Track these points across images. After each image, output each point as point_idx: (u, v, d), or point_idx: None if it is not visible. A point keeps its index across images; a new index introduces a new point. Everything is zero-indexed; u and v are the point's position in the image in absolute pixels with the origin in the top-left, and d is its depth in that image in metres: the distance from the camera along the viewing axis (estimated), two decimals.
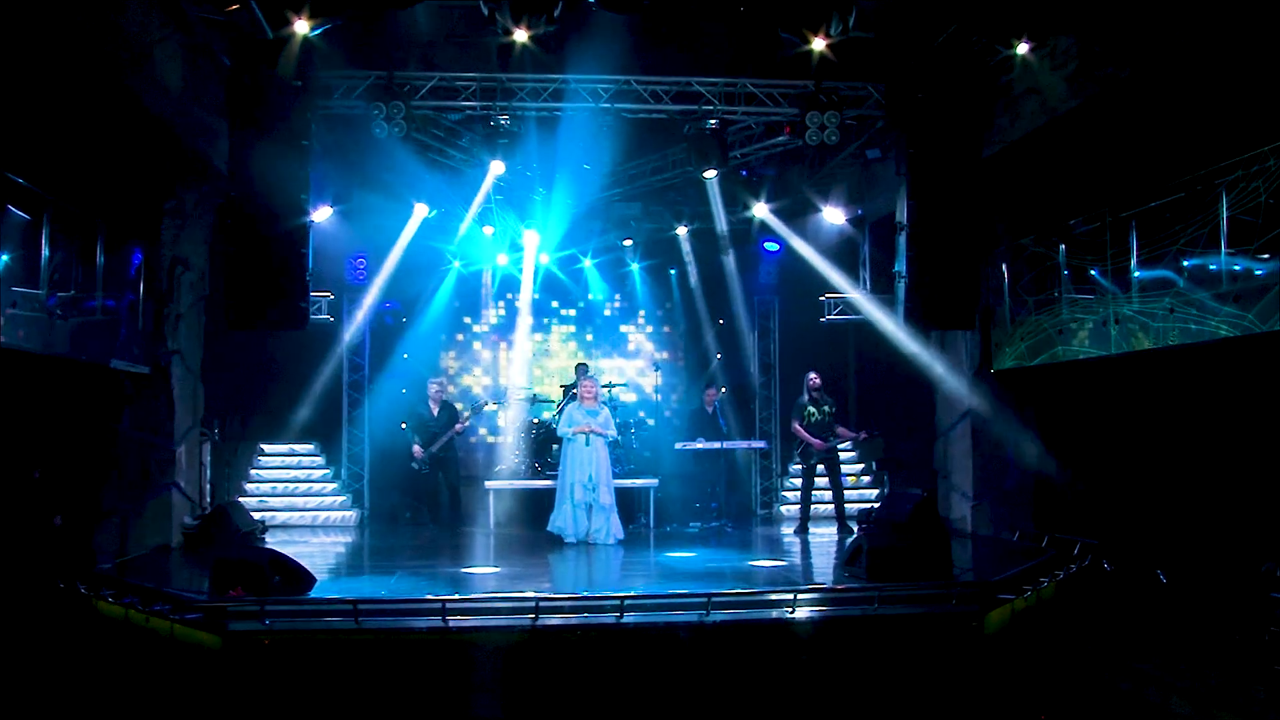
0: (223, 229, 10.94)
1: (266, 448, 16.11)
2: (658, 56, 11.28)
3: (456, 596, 8.37)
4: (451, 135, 12.03)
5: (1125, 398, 11.00)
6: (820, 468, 13.55)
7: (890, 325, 13.13)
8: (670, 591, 8.78)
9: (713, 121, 11.26)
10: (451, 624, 8.08)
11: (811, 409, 13.33)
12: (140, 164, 10.92)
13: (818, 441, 13.21)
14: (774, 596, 8.59)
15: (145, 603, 8.81)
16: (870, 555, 9.36)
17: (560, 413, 13.34)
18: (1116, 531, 10.59)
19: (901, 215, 11.07)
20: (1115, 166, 10.24)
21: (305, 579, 8.93)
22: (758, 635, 8.26)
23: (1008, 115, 11.00)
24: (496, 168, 12.04)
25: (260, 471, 15.86)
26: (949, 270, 10.67)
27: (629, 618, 8.20)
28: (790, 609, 8.39)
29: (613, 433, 12.69)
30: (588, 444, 12.25)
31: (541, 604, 8.18)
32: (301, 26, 9.73)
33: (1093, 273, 10.81)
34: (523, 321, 16.64)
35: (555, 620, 8.19)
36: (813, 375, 13.47)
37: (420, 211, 14.14)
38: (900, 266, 10.95)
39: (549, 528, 12.43)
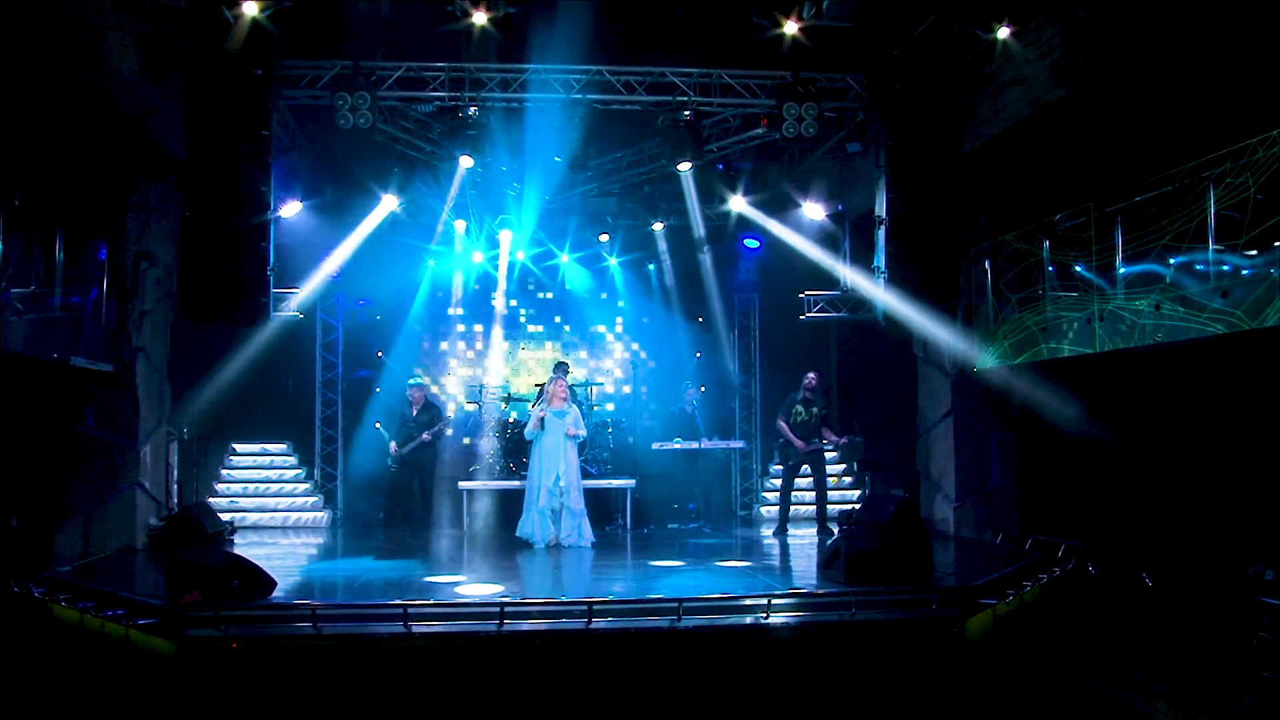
0: (182, 220, 10.63)
1: (239, 447, 15.80)
2: (629, 47, 11.00)
3: (419, 601, 8.08)
4: (422, 128, 11.73)
5: (1111, 397, 10.78)
6: (805, 468, 13.30)
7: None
8: (640, 596, 8.49)
9: (687, 113, 10.99)
10: (415, 629, 7.81)
11: (800, 409, 13.09)
12: (99, 155, 10.63)
13: (799, 442, 12.97)
14: (748, 601, 8.32)
15: (100, 607, 8.53)
16: (848, 558, 9.11)
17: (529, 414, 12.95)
18: (1102, 534, 10.37)
19: (881, 209, 10.83)
20: (1100, 160, 10.02)
21: (265, 583, 8.63)
22: (731, 641, 8.02)
23: (990, 107, 10.78)
24: (465, 162, 11.74)
25: (231, 471, 15.54)
26: (929, 266, 10.42)
27: (598, 623, 7.95)
28: (765, 614, 8.13)
29: (582, 433, 12.32)
30: (556, 444, 11.86)
31: (507, 609, 7.91)
32: (250, 8, 9.45)
33: (1077, 269, 10.59)
34: (498, 320, 16.37)
35: (522, 625, 7.92)
36: (811, 375, 13.23)
37: (389, 203, 13.77)
38: (879, 262, 10.71)
39: (518, 532, 12.10)
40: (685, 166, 12.14)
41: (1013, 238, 11.84)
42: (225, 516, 13.81)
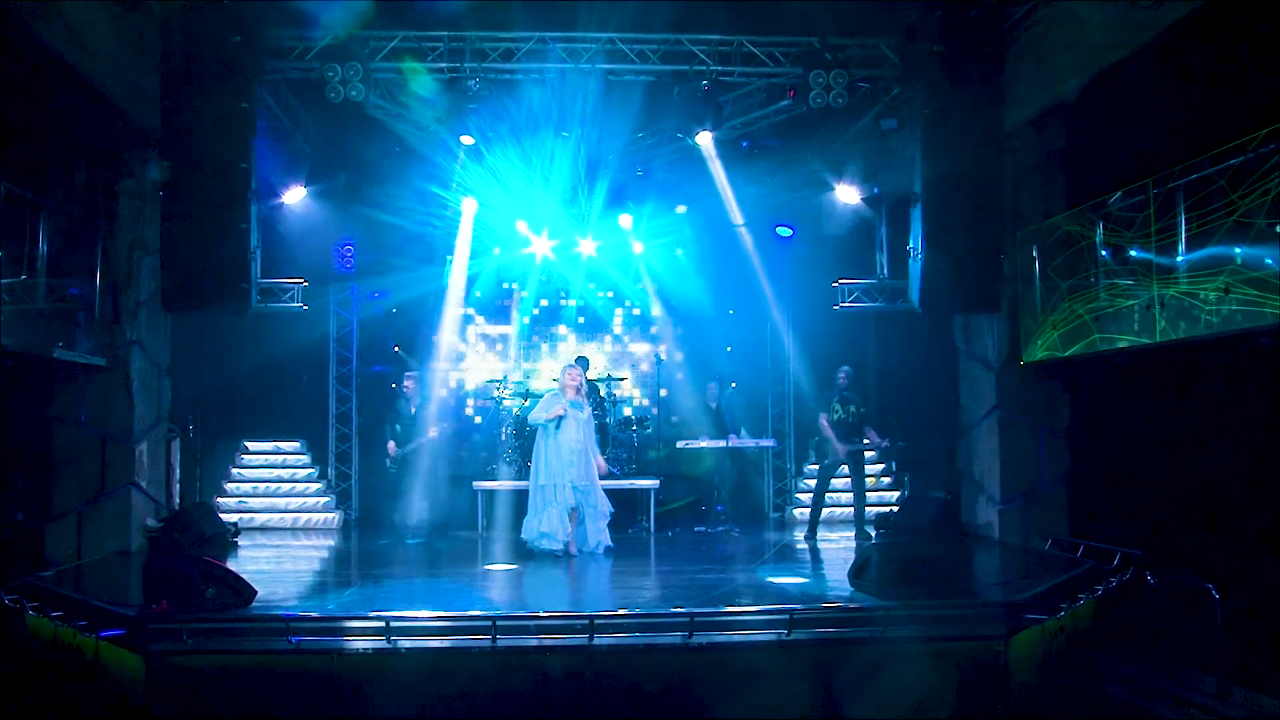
0: (161, 201, 9.97)
1: (250, 445, 15.25)
2: (643, 11, 10.18)
3: (403, 614, 7.37)
4: (425, 104, 11.02)
5: (1172, 390, 9.88)
6: (843, 468, 12.52)
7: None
8: (648, 610, 7.72)
9: (705, 84, 10.17)
10: (400, 645, 7.12)
11: (838, 406, 12.31)
12: (80, 135, 10.03)
13: (841, 446, 12.18)
14: (767, 616, 7.52)
15: (69, 616, 7.93)
16: (880, 567, 8.28)
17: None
18: (1162, 541, 9.46)
19: (917, 185, 9.95)
20: (1160, 131, 9.12)
21: (243, 592, 7.96)
22: (748, 661, 7.23)
23: (1036, 75, 9.86)
24: (466, 141, 11.01)
25: (242, 470, 14.98)
26: (970, 246, 9.54)
27: (601, 639, 7.21)
28: (787, 630, 7.33)
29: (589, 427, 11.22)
30: (571, 439, 10.86)
31: (499, 623, 7.18)
32: None
33: (1133, 252, 9.68)
34: (516, 313, 15.71)
35: (516, 641, 7.19)
36: (843, 370, 12.48)
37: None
38: (915, 242, 9.84)
39: (522, 534, 11.18)
40: (704, 138, 11.25)
41: (1062, 220, 10.94)
42: (233, 518, 13.35)
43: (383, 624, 7.12)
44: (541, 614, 7.48)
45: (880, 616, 7.47)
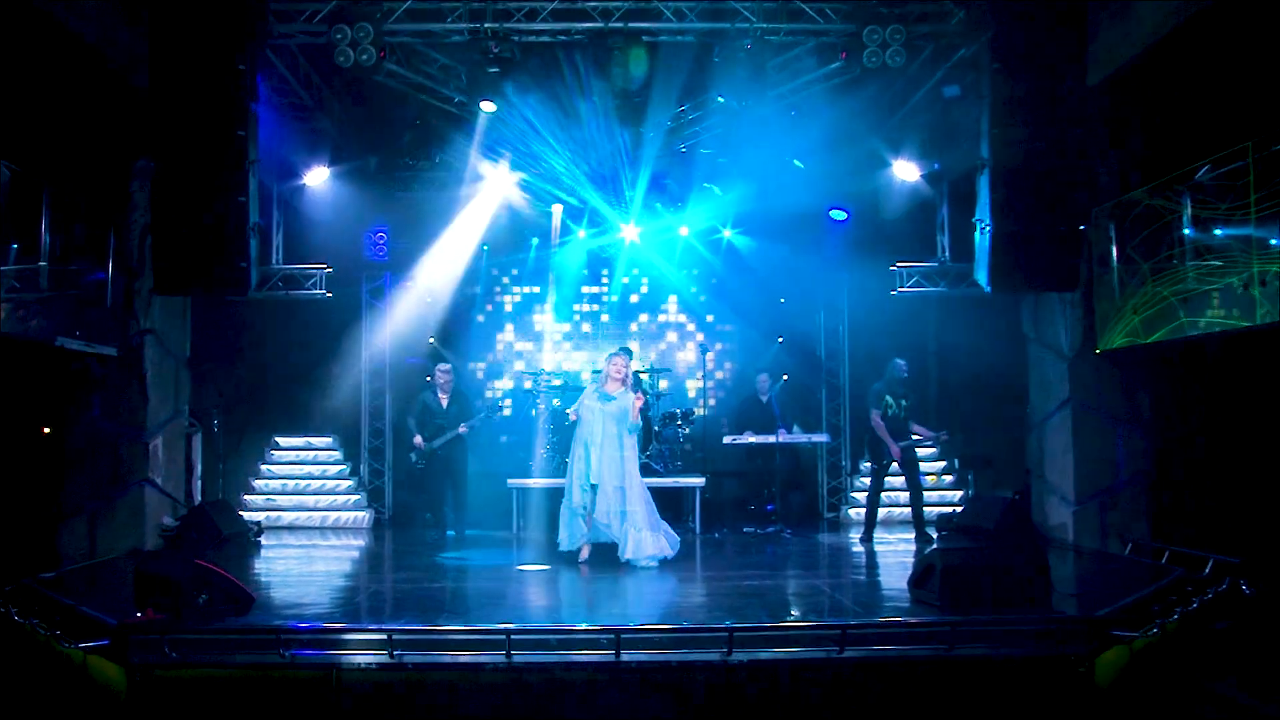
0: (152, 171, 9.30)
1: (281, 440, 14.65)
2: None
3: (407, 626, 6.63)
4: (447, 73, 10.28)
5: (1271, 379, 8.85)
6: (894, 467, 11.68)
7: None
8: (682, 624, 6.92)
9: (748, 43, 9.29)
10: (405, 660, 6.38)
11: (890, 401, 11.44)
12: (87, 111, 9.42)
13: (896, 447, 11.33)
14: (816, 631, 6.68)
15: (60, 622, 7.30)
16: (945, 575, 7.39)
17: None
18: (1258, 547, 8.47)
19: (984, 149, 9.01)
20: (1261, 86, 8.09)
21: (240, 598, 7.27)
22: (794, 681, 6.39)
23: (1119, 24, 8.86)
24: (486, 107, 10.24)
25: (272, 467, 14.37)
26: (1046, 217, 8.57)
27: (629, 655, 6.41)
28: (838, 647, 6.48)
29: (634, 419, 10.03)
30: (594, 433, 9.90)
31: (514, 637, 6.41)
32: None
33: (1226, 227, 8.69)
34: (553, 300, 15.05)
35: (534, 657, 6.42)
36: (901, 363, 11.65)
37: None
38: (983, 213, 8.89)
39: (558, 539, 10.24)
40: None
41: (1143, 194, 9.96)
42: (259, 516, 12.80)
43: (384, 636, 6.39)
44: (562, 627, 6.72)
45: (945, 632, 6.58)
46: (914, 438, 11.63)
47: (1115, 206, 10.43)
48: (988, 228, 8.80)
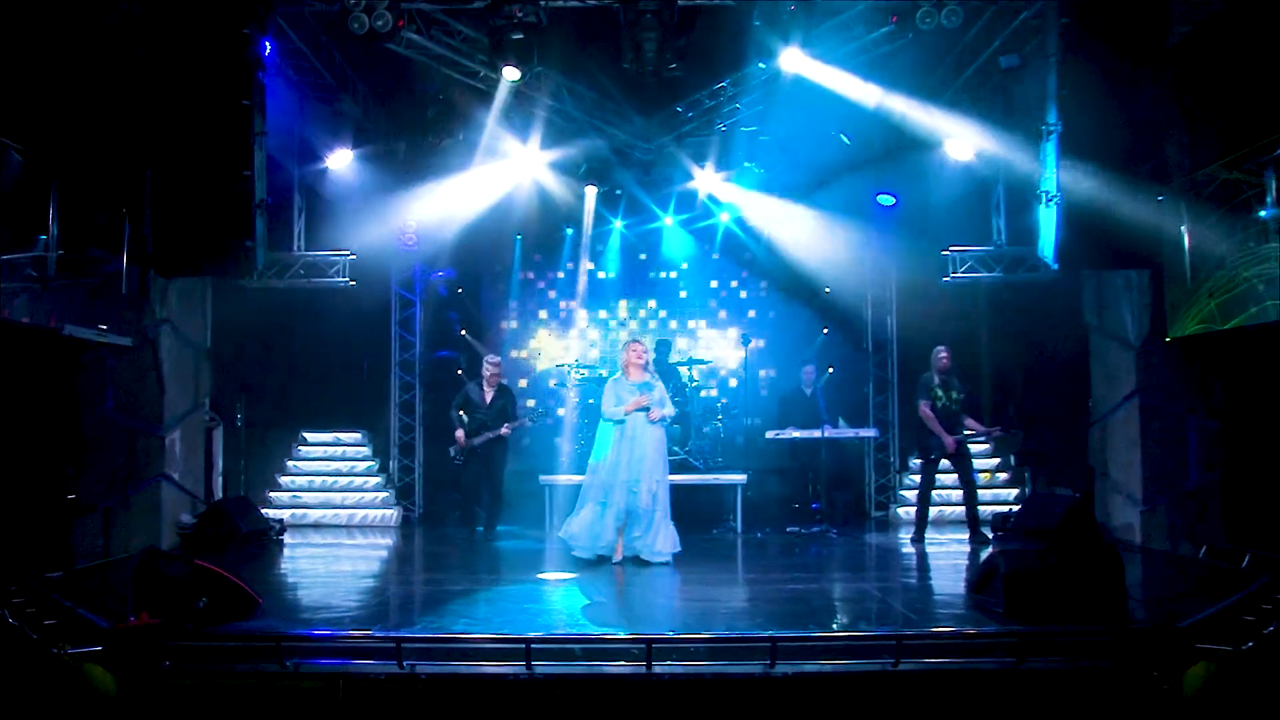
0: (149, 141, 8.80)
1: (309, 436, 14.19)
2: None
3: (417, 635, 6.09)
4: (472, 46, 9.70)
5: None
6: (944, 463, 11.00)
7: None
8: (720, 634, 6.32)
9: (792, 6, 8.64)
10: (418, 670, 5.83)
11: (939, 392, 10.75)
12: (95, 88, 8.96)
13: (950, 439, 10.63)
14: (869, 642, 6.06)
15: (47, 626, 6.87)
16: (1009, 580, 6.75)
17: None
18: None
19: (1051, 114, 8.33)
20: None
21: (244, 602, 6.77)
22: (845, 696, 5.77)
23: None
24: (509, 74, 9.65)
25: (298, 463, 13.90)
26: (1119, 188, 7.88)
27: (662, 667, 5.82)
28: (893, 660, 5.85)
29: (669, 411, 9.66)
30: (636, 430, 9.32)
31: (535, 646, 5.84)
32: None
33: None
34: (583, 289, 14.68)
35: (557, 668, 5.85)
36: (942, 351, 10.93)
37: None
38: (1049, 184, 8.20)
39: (560, 533, 9.76)
40: (792, 56, 9.51)
41: (1219, 169, 9.23)
42: (285, 514, 12.38)
43: (393, 645, 5.84)
44: (588, 635, 6.15)
45: (1014, 644, 5.93)
46: (965, 433, 10.96)
47: (1188, 182, 9.71)
48: (1054, 199, 8.11)
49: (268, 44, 8.70)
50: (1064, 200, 8.14)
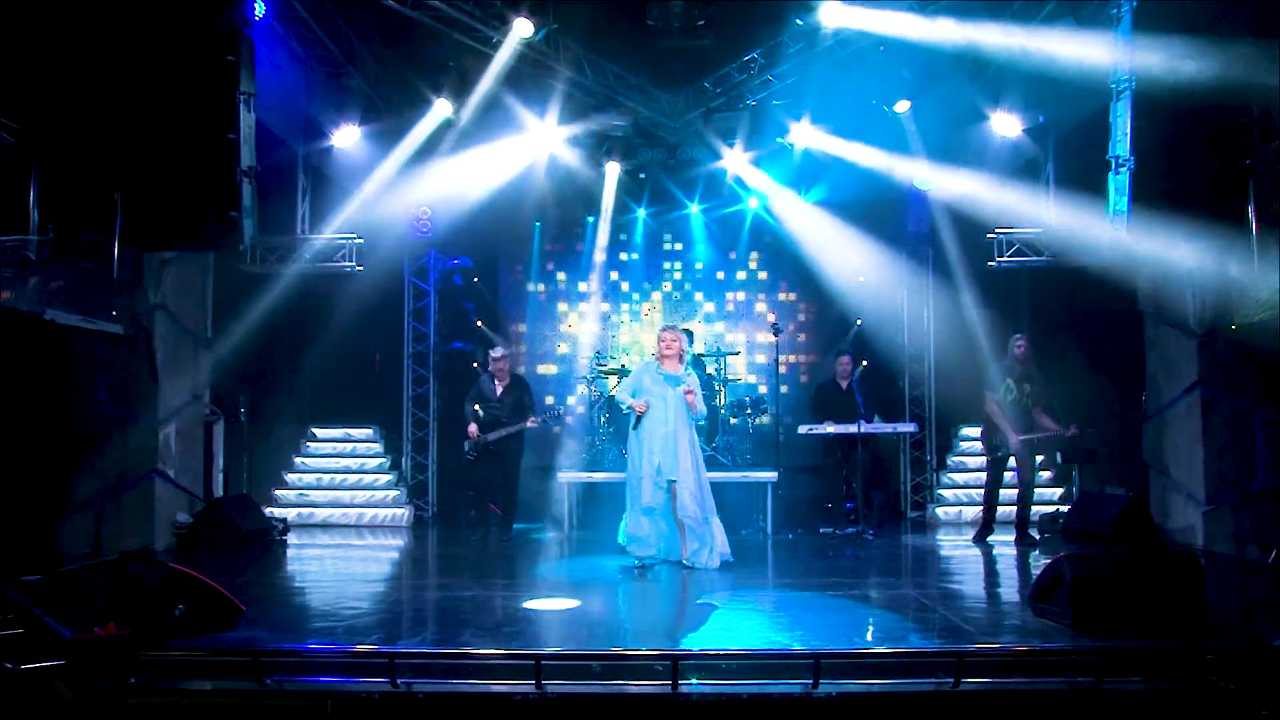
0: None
1: (319, 432, 13.59)
2: None
3: (411, 649, 5.42)
4: (486, 11, 9.02)
5: None
6: (1011, 460, 10.39)
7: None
8: (754, 649, 5.63)
9: None
10: (414, 689, 5.16)
11: (1012, 385, 10.04)
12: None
13: (1015, 436, 9.92)
14: (926, 658, 5.35)
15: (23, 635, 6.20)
16: (1076, 588, 6.03)
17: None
18: None
19: (1118, 72, 7.57)
20: None
21: (227, 610, 6.12)
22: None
23: None
24: (521, 28, 8.97)
25: (307, 460, 13.32)
26: (1204, 148, 7.11)
27: (689, 687, 5.12)
28: (952, 679, 5.13)
29: (700, 409, 8.96)
30: (664, 420, 8.68)
31: (546, 663, 5.15)
32: None
33: None
34: (598, 279, 14.22)
35: (571, 687, 5.16)
36: (1019, 339, 10.26)
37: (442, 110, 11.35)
38: (1120, 149, 7.44)
39: (619, 538, 9.06)
40: (833, 9, 8.66)
41: None
42: (291, 513, 11.82)
43: (386, 661, 5.17)
44: (607, 651, 5.46)
45: (1090, 661, 5.20)
46: (1038, 435, 10.14)
47: (1254, 160, 8.93)
48: (1126, 165, 7.34)
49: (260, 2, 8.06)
50: (1151, 160, 7.34)
